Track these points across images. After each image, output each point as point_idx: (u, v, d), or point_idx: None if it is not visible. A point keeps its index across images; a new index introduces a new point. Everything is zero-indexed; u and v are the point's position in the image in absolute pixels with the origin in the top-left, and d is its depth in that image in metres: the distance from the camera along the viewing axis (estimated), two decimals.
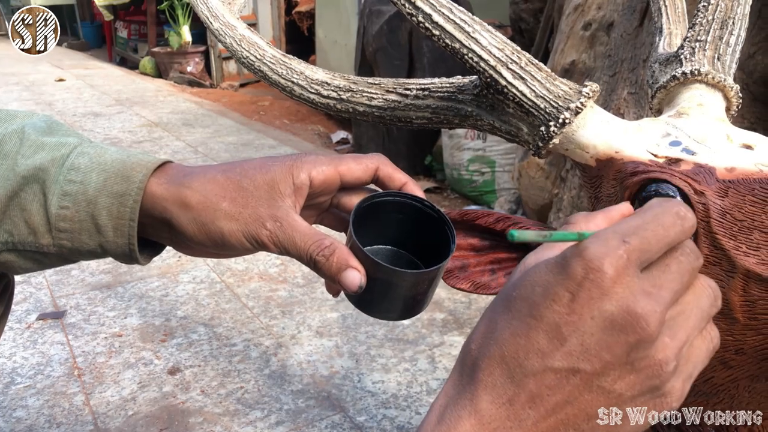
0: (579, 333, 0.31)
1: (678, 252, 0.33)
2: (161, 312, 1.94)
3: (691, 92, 0.60)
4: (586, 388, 0.31)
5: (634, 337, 0.31)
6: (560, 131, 0.56)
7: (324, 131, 4.52)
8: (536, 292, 0.32)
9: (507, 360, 0.32)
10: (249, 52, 0.80)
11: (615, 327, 0.31)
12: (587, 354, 0.31)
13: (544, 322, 0.32)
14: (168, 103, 5.44)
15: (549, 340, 0.31)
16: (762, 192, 0.46)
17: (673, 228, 0.32)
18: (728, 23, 0.65)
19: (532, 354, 0.32)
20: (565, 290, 0.31)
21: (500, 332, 0.33)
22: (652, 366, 0.31)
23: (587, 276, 0.31)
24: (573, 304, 0.31)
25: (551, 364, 0.31)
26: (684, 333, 0.33)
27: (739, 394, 0.46)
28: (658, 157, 0.51)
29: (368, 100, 0.69)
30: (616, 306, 0.31)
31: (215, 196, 0.51)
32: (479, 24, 0.58)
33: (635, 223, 0.32)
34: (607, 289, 0.31)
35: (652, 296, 0.31)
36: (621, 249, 0.31)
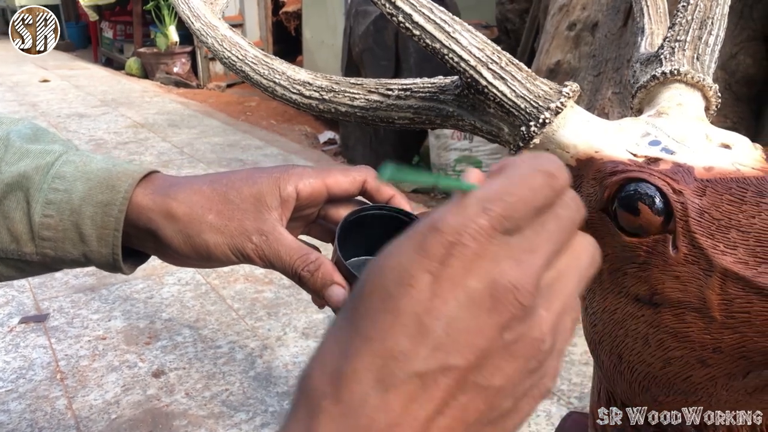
0: (444, 320, 0.26)
1: (556, 206, 0.29)
2: (146, 314, 1.93)
3: (671, 92, 0.60)
4: (460, 388, 0.26)
5: (505, 314, 0.26)
6: (540, 131, 0.56)
7: (311, 132, 4.51)
8: (389, 279, 0.26)
9: (360, 375, 0.25)
10: (231, 53, 0.80)
11: (483, 306, 0.26)
12: (456, 345, 0.26)
13: (402, 316, 0.26)
14: (154, 104, 5.41)
15: (410, 338, 0.25)
16: (739, 191, 0.46)
17: (542, 190, 0.28)
18: (707, 23, 0.65)
19: (392, 360, 0.25)
20: (425, 271, 0.26)
21: (350, 342, 0.26)
22: (528, 346, 0.27)
23: (449, 252, 0.26)
24: (434, 286, 0.26)
25: (417, 367, 0.25)
26: (560, 302, 0.28)
27: (717, 392, 0.46)
28: (637, 157, 0.51)
29: (350, 100, 0.69)
30: (482, 281, 0.26)
31: (201, 209, 0.51)
32: (459, 24, 0.58)
33: (499, 187, 0.27)
34: (471, 264, 0.26)
35: (523, 264, 0.27)
36: (482, 218, 0.26)
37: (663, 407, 0.50)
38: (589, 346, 0.56)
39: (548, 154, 0.30)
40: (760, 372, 0.43)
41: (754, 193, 0.45)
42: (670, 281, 0.46)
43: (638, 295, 0.49)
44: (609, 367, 0.53)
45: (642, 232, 0.48)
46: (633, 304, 0.49)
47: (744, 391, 0.44)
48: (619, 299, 0.51)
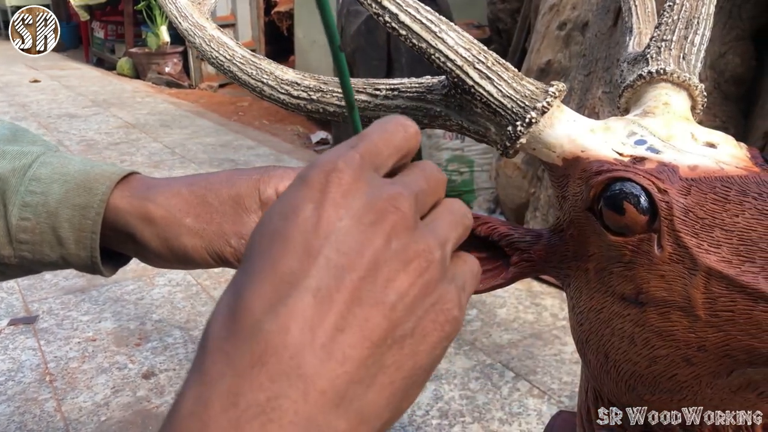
0: (331, 238, 0.26)
1: (417, 165, 0.32)
2: (136, 315, 1.92)
3: (657, 91, 0.60)
4: (356, 302, 0.25)
5: (387, 223, 0.27)
6: (527, 131, 0.56)
7: (303, 132, 4.50)
8: (275, 219, 0.27)
9: (253, 306, 0.25)
10: (218, 53, 0.80)
11: (367, 220, 0.27)
12: (345, 257, 0.26)
13: (289, 242, 0.26)
14: (145, 104, 5.39)
15: (299, 258, 0.25)
16: (723, 190, 0.46)
17: (396, 133, 0.30)
18: (693, 23, 0.65)
19: (284, 284, 0.25)
20: (308, 201, 0.27)
21: (242, 282, 0.26)
22: (417, 256, 0.27)
23: (327, 179, 0.27)
24: (319, 210, 0.27)
25: (308, 285, 0.25)
26: (443, 231, 0.30)
27: (701, 390, 0.46)
28: (623, 156, 0.51)
29: (339, 100, 0.69)
30: (362, 198, 0.27)
31: (179, 212, 0.51)
32: (446, 24, 0.58)
33: (361, 134, 0.30)
34: (350, 186, 0.27)
35: (397, 185, 0.29)
36: (351, 151, 0.28)
37: (649, 406, 0.51)
38: (576, 345, 0.56)
39: (400, 115, 0.33)
40: (744, 370, 0.43)
41: (737, 192, 0.46)
42: (655, 280, 0.47)
43: (624, 294, 0.49)
44: (596, 366, 0.53)
45: (627, 232, 0.48)
46: (619, 303, 0.49)
47: (728, 390, 0.45)
48: (605, 298, 0.51)
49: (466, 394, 1.53)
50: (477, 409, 1.48)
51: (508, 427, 1.41)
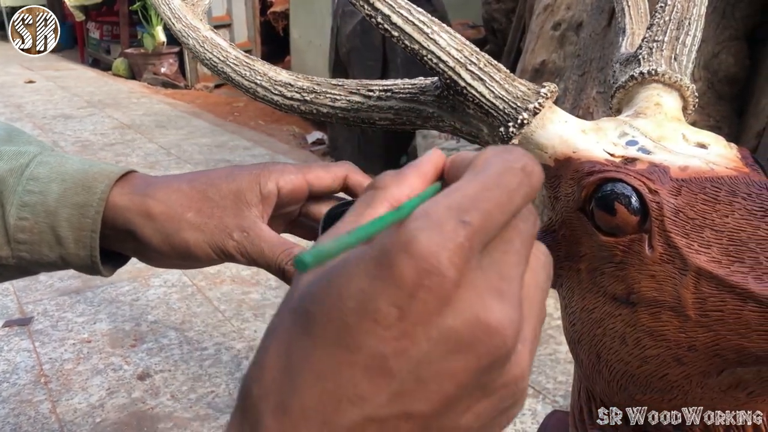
0: (412, 363, 0.22)
1: (517, 219, 0.25)
2: (131, 317, 1.92)
3: (649, 92, 0.60)
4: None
5: (487, 358, 0.22)
6: (519, 132, 0.56)
7: (299, 132, 4.50)
8: (347, 307, 0.22)
9: (308, 416, 0.22)
10: (212, 54, 0.80)
11: (461, 348, 0.22)
12: (424, 390, 0.22)
13: (362, 354, 0.22)
14: (141, 105, 5.38)
15: (371, 380, 0.22)
16: (713, 190, 0.46)
17: (519, 191, 0.24)
18: (684, 24, 0.66)
19: (347, 403, 0.22)
20: (391, 305, 0.22)
21: (297, 373, 0.22)
22: (507, 386, 0.24)
23: (421, 282, 0.21)
24: (402, 323, 0.22)
25: (374, 413, 0.22)
26: (531, 327, 0.25)
27: (692, 389, 0.46)
28: (614, 157, 0.51)
29: (332, 101, 0.69)
30: (462, 319, 0.22)
31: (180, 207, 0.51)
32: (438, 25, 0.58)
33: (473, 190, 0.23)
34: (449, 297, 0.22)
35: (504, 297, 0.23)
36: (461, 235, 0.22)
37: (640, 405, 0.51)
38: (569, 345, 0.56)
39: (518, 147, 0.27)
40: (734, 370, 0.43)
41: (727, 192, 0.46)
42: (646, 280, 0.47)
43: (615, 295, 0.49)
44: (588, 366, 0.53)
45: (619, 232, 0.48)
46: (611, 304, 0.50)
47: (718, 389, 0.45)
48: (597, 298, 0.51)
49: None
50: None
51: None
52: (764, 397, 0.44)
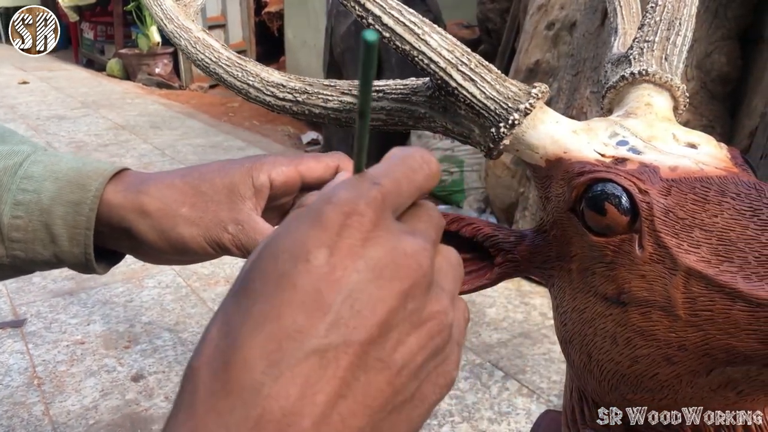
0: (345, 293, 0.24)
1: (425, 207, 0.30)
2: (125, 318, 1.91)
3: (640, 92, 0.60)
4: (361, 365, 0.24)
5: (407, 281, 0.25)
6: (510, 132, 0.56)
7: (294, 132, 4.50)
8: (283, 259, 0.24)
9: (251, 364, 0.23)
10: (204, 55, 0.80)
11: (385, 273, 0.25)
12: (359, 317, 0.24)
13: (298, 292, 0.24)
14: (135, 106, 5.37)
15: (308, 314, 0.23)
16: (702, 190, 0.47)
17: (421, 171, 0.29)
18: (675, 24, 0.66)
19: (287, 341, 0.23)
20: (322, 245, 0.24)
21: (239, 328, 0.24)
22: (431, 318, 0.26)
23: (345, 222, 0.25)
24: (333, 257, 0.24)
25: (314, 345, 0.23)
26: (448, 286, 0.28)
27: (682, 389, 0.46)
28: (605, 157, 0.52)
29: (324, 102, 0.69)
30: (383, 249, 0.25)
31: (174, 202, 0.51)
32: (429, 26, 0.58)
33: (384, 167, 0.28)
34: (370, 233, 0.25)
35: (417, 234, 0.27)
36: (374, 189, 0.26)
37: (631, 405, 0.51)
38: (561, 345, 0.56)
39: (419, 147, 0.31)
40: (723, 369, 0.43)
41: (716, 192, 0.46)
42: (636, 280, 0.47)
43: (606, 295, 0.49)
44: (579, 366, 0.54)
45: (609, 232, 0.49)
46: (601, 303, 0.50)
47: (708, 388, 0.45)
48: (588, 298, 0.51)
49: (456, 393, 1.54)
50: (466, 408, 1.49)
51: (497, 426, 1.42)
52: (753, 397, 0.44)
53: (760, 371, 0.42)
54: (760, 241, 0.42)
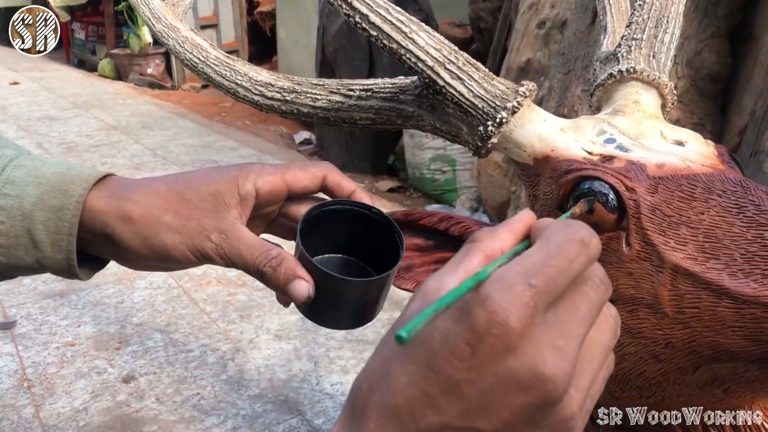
0: (479, 391, 0.28)
1: (587, 286, 0.30)
2: (116, 319, 1.90)
3: (627, 90, 0.60)
4: None
5: (540, 399, 0.28)
6: (498, 131, 0.56)
7: (287, 132, 4.49)
8: (435, 339, 0.28)
9: (400, 413, 0.29)
10: (192, 54, 0.79)
11: (520, 387, 0.28)
12: (487, 414, 0.28)
13: (442, 376, 0.28)
14: (127, 106, 5.34)
15: (447, 397, 0.28)
16: (689, 187, 0.46)
17: (578, 259, 0.29)
18: (663, 22, 0.66)
19: (428, 409, 0.29)
20: (466, 343, 0.28)
21: (394, 379, 0.29)
22: (556, 423, 0.29)
23: (490, 330, 0.27)
24: (474, 359, 0.28)
25: (448, 422, 0.28)
26: (588, 378, 0.30)
27: (669, 386, 0.46)
28: (593, 155, 0.51)
29: (312, 101, 0.69)
30: (522, 365, 0.28)
31: (158, 209, 0.50)
32: (417, 24, 0.58)
33: (539, 259, 0.29)
34: (513, 345, 0.27)
35: (561, 352, 0.28)
36: (527, 295, 0.27)
37: (620, 403, 0.51)
38: None
39: (579, 222, 0.32)
40: (710, 366, 0.43)
41: (703, 189, 0.46)
42: (623, 278, 0.47)
43: None
44: None
45: (596, 230, 0.48)
46: None
47: (695, 386, 0.45)
48: None
49: None
50: None
51: None
52: (740, 394, 0.44)
53: (746, 368, 0.42)
54: (745, 238, 0.42)
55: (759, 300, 0.40)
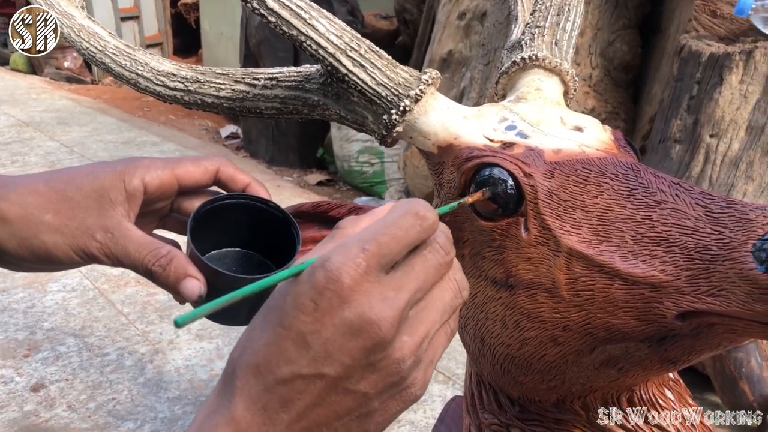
0: (322, 340, 0.33)
1: (426, 250, 0.35)
2: (25, 325, 1.80)
3: (530, 77, 0.61)
4: (333, 390, 0.33)
5: (369, 341, 0.32)
6: (402, 119, 0.55)
7: (213, 126, 4.38)
8: (287, 301, 0.33)
9: (261, 368, 0.33)
10: (89, 43, 0.75)
11: (353, 333, 0.32)
12: (330, 359, 0.33)
13: (292, 331, 0.33)
14: (41, 102, 5.08)
15: (296, 349, 0.33)
16: (583, 172, 0.47)
17: (412, 229, 0.34)
18: (564, 10, 0.67)
19: (282, 362, 0.33)
20: (310, 300, 0.33)
21: (256, 341, 0.34)
22: (390, 365, 0.33)
23: (327, 286, 0.32)
24: (316, 313, 0.32)
25: (299, 370, 0.33)
26: (424, 328, 0.35)
27: (568, 369, 0.47)
28: (494, 142, 0.51)
29: (216, 91, 0.67)
30: (353, 313, 0.32)
31: (37, 209, 0.48)
32: (317, 10, 0.57)
33: (376, 229, 0.34)
34: (346, 297, 0.32)
35: (388, 301, 0.33)
36: (360, 257, 0.32)
37: (523, 387, 0.51)
38: (458, 331, 0.56)
39: (421, 200, 0.36)
40: (604, 347, 0.44)
41: (596, 173, 0.46)
42: (523, 263, 0.47)
43: (495, 278, 0.49)
44: (474, 351, 0.54)
45: (497, 216, 0.48)
46: (491, 287, 0.50)
47: (592, 367, 0.46)
48: (479, 283, 0.51)
49: None
50: None
51: (413, 414, 1.43)
52: (633, 372, 0.45)
53: (637, 347, 0.43)
54: (635, 220, 0.43)
55: (647, 280, 0.41)
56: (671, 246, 0.41)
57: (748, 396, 1.25)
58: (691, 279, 0.39)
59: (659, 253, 0.41)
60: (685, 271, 0.39)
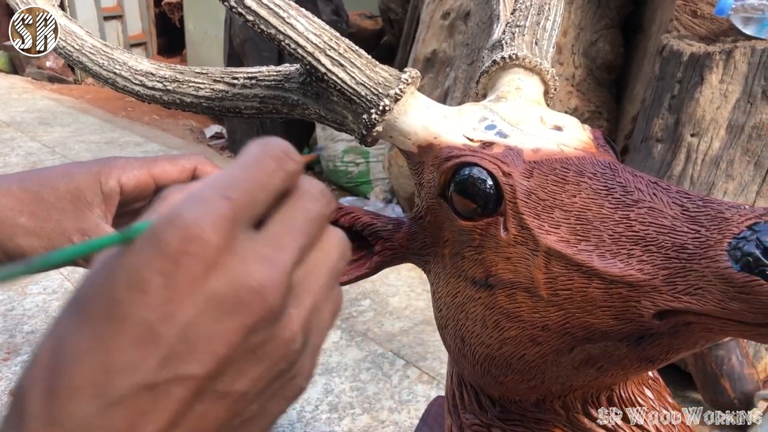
0: (178, 327, 0.23)
1: (304, 198, 0.27)
2: (5, 328, 1.78)
3: (510, 76, 0.61)
4: (198, 398, 0.24)
5: (251, 317, 0.24)
6: (382, 118, 0.55)
7: (197, 126, 4.35)
8: (116, 283, 0.23)
9: (77, 393, 0.22)
10: (66, 42, 0.74)
11: (227, 309, 0.23)
12: (194, 352, 0.23)
13: (129, 324, 0.23)
14: (23, 102, 5.02)
15: (139, 347, 0.23)
16: (562, 171, 0.47)
17: (276, 174, 0.26)
18: (545, 9, 0.67)
19: (117, 373, 0.22)
20: (157, 273, 0.23)
21: (67, 353, 0.23)
22: (277, 348, 0.25)
23: (185, 248, 0.23)
24: (168, 290, 0.23)
25: (144, 379, 0.22)
26: (312, 297, 0.27)
27: (548, 369, 0.47)
28: (473, 141, 0.51)
29: (195, 90, 0.66)
30: (225, 282, 0.23)
31: (11, 211, 0.47)
32: (295, 9, 0.56)
33: (235, 173, 0.25)
34: (213, 261, 0.23)
35: (270, 260, 0.25)
36: (224, 206, 0.24)
37: (504, 387, 0.51)
38: (439, 331, 0.56)
39: (278, 139, 0.28)
40: (583, 346, 0.44)
41: (575, 172, 0.46)
42: (502, 262, 0.47)
43: (475, 278, 0.49)
44: (454, 351, 0.53)
45: (476, 216, 0.48)
46: (471, 287, 0.50)
47: (571, 366, 0.46)
48: (459, 283, 0.51)
49: (357, 385, 1.53)
50: (367, 399, 1.48)
51: (398, 415, 1.42)
52: (612, 372, 0.45)
53: (616, 346, 0.43)
54: (613, 219, 0.43)
55: (625, 279, 0.41)
56: (649, 245, 0.41)
57: (729, 393, 1.27)
58: (668, 278, 0.39)
59: (637, 252, 0.41)
60: (662, 270, 0.39)
